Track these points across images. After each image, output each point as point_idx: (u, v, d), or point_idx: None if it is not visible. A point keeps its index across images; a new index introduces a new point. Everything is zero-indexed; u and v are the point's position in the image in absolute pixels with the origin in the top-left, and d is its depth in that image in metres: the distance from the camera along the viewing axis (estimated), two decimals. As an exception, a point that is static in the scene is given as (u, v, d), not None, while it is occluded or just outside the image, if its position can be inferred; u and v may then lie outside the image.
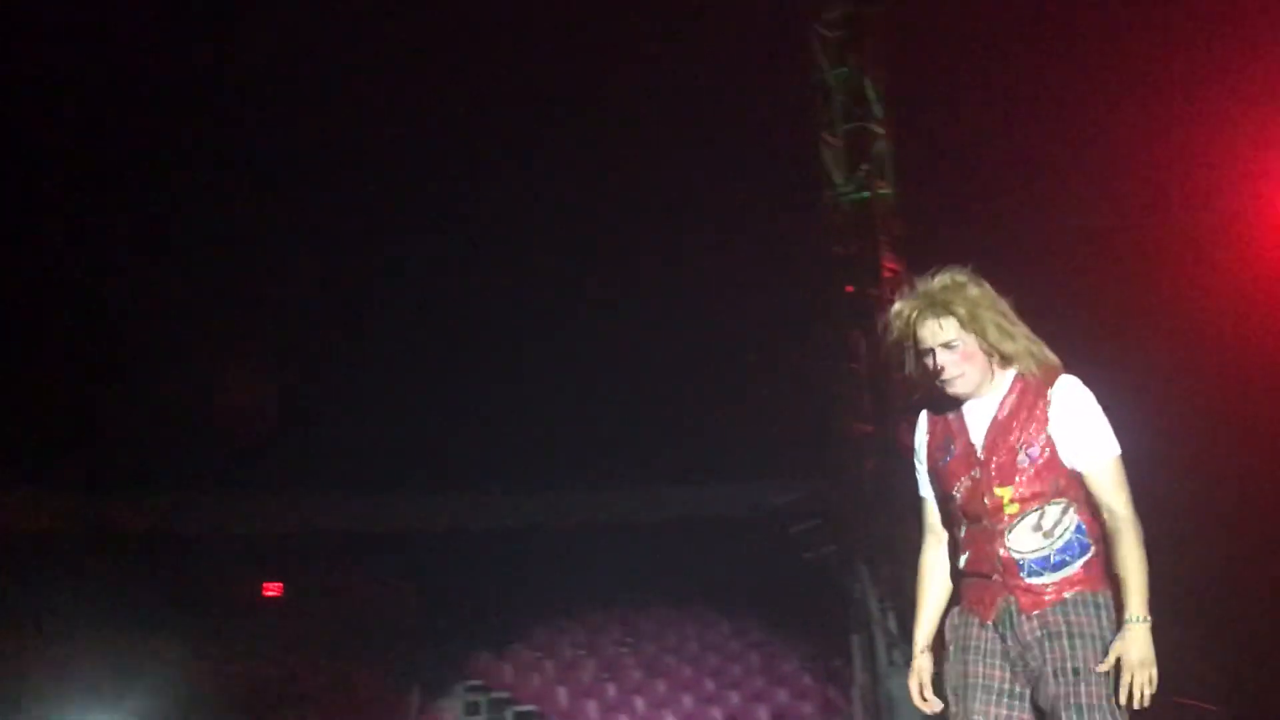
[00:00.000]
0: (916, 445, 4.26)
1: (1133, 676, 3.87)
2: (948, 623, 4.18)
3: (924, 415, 4.27)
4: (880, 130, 12.63)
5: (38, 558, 14.29)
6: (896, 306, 4.07)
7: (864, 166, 12.55)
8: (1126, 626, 3.87)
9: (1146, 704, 3.88)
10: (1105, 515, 3.98)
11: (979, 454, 4.09)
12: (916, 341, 4.06)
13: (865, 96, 12.63)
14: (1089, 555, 4.00)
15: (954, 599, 4.21)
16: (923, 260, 4.15)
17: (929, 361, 4.06)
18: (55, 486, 15.28)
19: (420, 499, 18.20)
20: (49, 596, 13.61)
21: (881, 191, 12.49)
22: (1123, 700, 3.88)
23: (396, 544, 17.38)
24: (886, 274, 12.13)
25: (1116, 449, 4.00)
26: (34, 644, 13.11)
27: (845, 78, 12.66)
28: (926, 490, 4.27)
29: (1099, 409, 4.02)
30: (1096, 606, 3.97)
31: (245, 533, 16.94)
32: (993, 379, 4.09)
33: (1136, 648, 3.87)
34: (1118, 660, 3.87)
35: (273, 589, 17.25)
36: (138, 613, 13.65)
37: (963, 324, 4.01)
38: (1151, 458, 4.57)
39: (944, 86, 13.05)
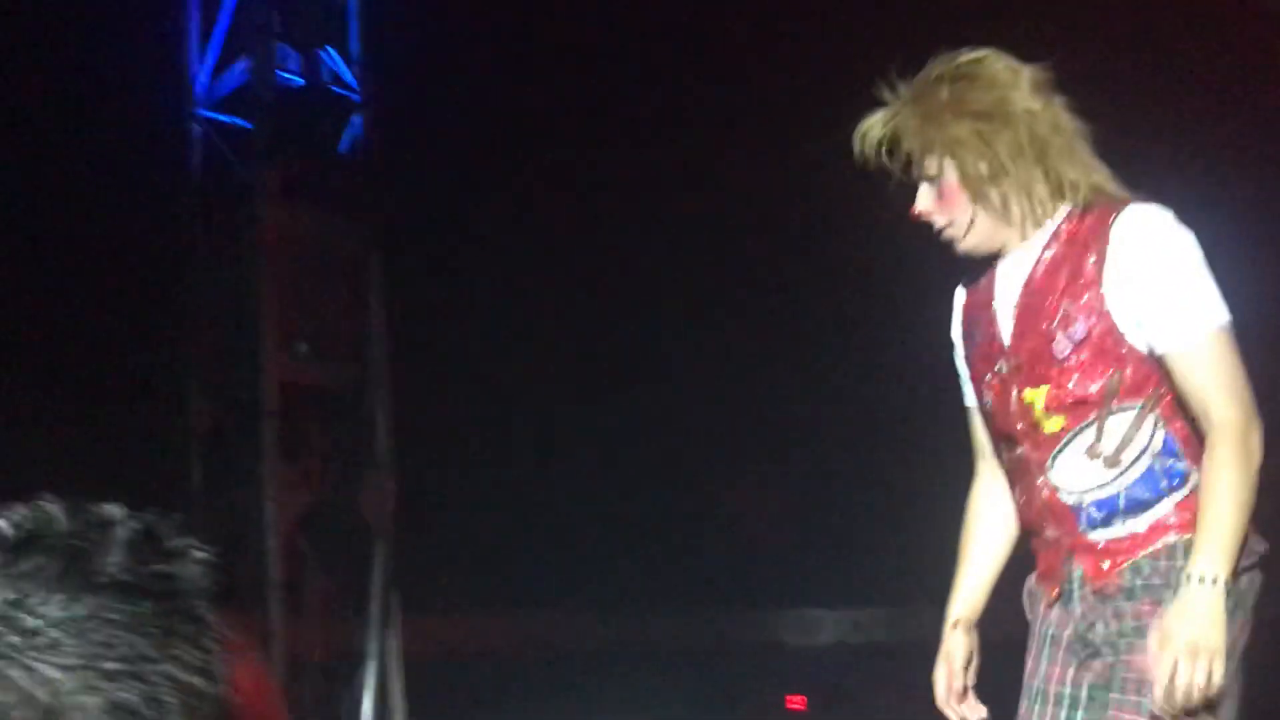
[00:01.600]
0: (953, 333, 2.85)
1: (1174, 668, 2.39)
2: (1025, 592, 2.80)
3: (960, 288, 2.84)
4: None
5: (575, 675, 15.05)
6: (855, 136, 2.67)
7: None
8: (1181, 588, 2.39)
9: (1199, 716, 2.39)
10: (1200, 419, 2.46)
11: (1004, 338, 2.64)
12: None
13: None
14: (1188, 490, 2.49)
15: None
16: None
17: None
18: (591, 604, 16.08)
19: (935, 609, 17.98)
20: (586, 713, 14.28)
21: None
22: (1160, 707, 2.43)
23: (917, 655, 17.21)
24: None
25: (1219, 316, 2.47)
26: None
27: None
28: (971, 397, 2.82)
29: (1192, 253, 2.49)
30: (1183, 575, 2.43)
31: (767, 645, 17.24)
32: (1024, 226, 2.58)
33: (1187, 622, 2.36)
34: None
35: (796, 702, 17.44)
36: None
37: (928, 146, 2.56)
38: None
39: None
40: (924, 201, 2.61)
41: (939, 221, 2.61)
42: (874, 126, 2.61)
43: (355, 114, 7.65)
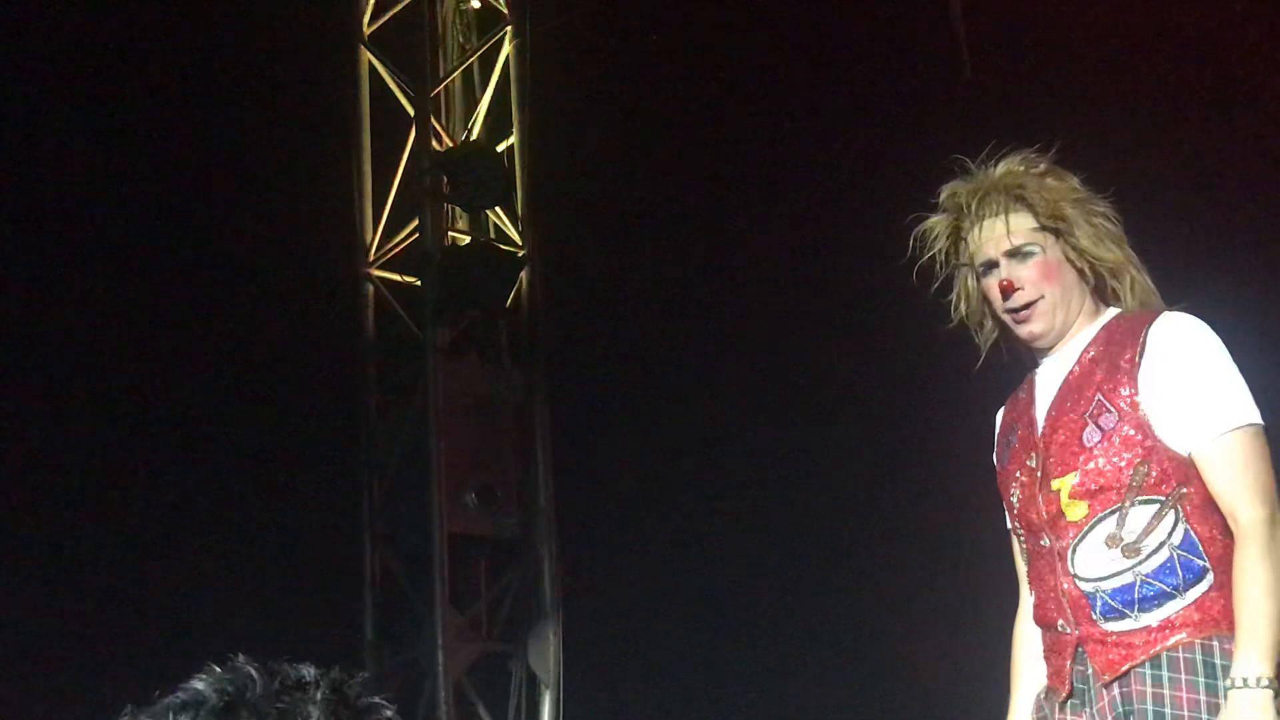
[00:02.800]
0: (997, 452, 2.80)
1: None
2: (1034, 705, 2.73)
3: (1001, 409, 2.85)
4: None
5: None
6: (944, 192, 2.69)
7: None
8: (1230, 696, 2.34)
9: None
10: (1228, 519, 2.47)
11: (1038, 432, 2.64)
12: (971, 254, 2.66)
13: None
14: (1205, 587, 2.47)
15: None
16: None
17: (991, 283, 2.66)
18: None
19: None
20: None
21: None
22: None
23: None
24: None
25: (1247, 417, 2.49)
26: None
27: None
28: (1011, 519, 2.79)
29: (1224, 358, 2.53)
30: (1209, 666, 2.41)
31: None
32: (1085, 319, 2.67)
33: None
34: None
35: None
36: None
37: (1041, 220, 2.60)
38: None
39: None
40: (1016, 272, 2.62)
41: (1029, 295, 2.63)
42: (962, 196, 2.67)
43: (520, 268, 7.80)
